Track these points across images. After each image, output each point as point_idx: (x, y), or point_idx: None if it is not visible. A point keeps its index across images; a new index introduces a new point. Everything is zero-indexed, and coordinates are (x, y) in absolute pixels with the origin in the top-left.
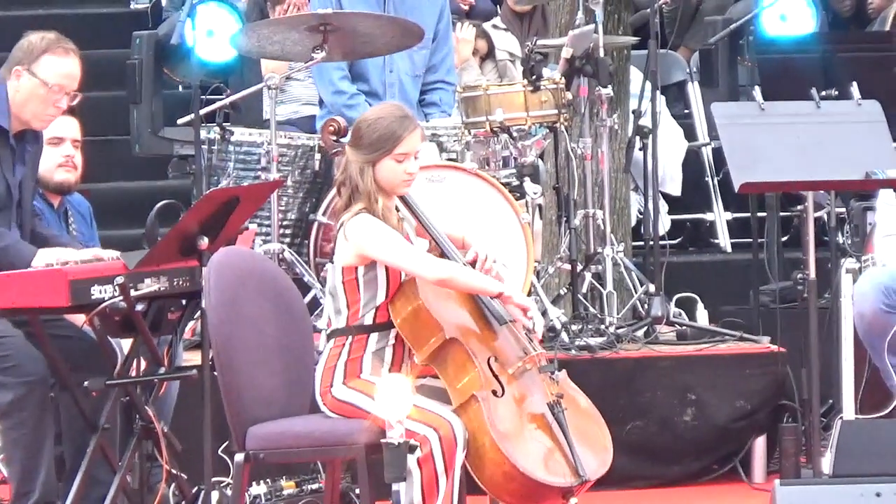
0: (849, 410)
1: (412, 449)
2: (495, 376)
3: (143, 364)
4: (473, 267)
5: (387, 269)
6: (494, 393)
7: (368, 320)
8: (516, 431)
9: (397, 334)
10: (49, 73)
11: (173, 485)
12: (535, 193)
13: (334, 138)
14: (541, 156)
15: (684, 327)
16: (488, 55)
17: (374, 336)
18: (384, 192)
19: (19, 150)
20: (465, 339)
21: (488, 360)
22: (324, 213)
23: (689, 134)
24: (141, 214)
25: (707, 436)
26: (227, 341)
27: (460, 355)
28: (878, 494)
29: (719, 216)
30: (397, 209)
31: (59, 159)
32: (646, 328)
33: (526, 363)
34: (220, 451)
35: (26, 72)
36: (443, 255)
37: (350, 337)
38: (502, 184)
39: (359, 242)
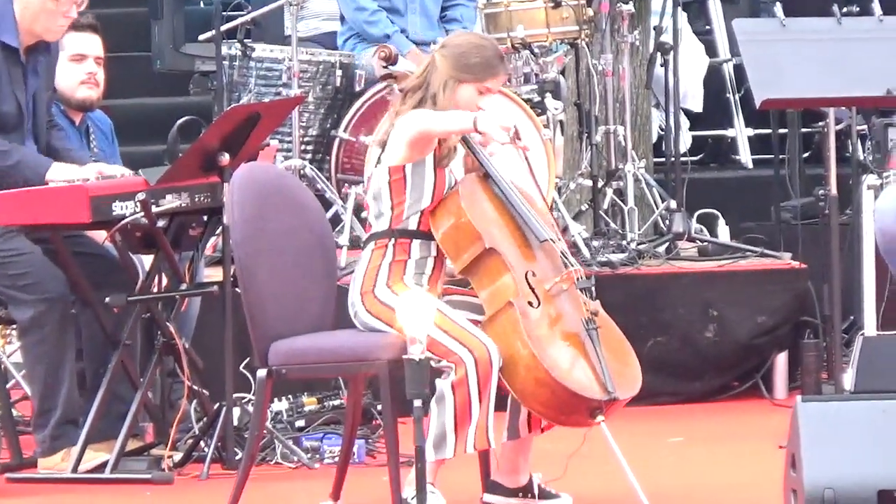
0: (870, 327)
1: (439, 372)
2: (532, 290)
3: (165, 280)
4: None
5: (434, 169)
6: (530, 304)
7: (413, 225)
8: (550, 341)
9: (439, 247)
10: None
11: (195, 401)
12: (556, 109)
13: (384, 64)
14: (562, 72)
15: (706, 243)
16: None
17: (416, 243)
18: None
19: (31, 64)
20: (504, 251)
21: (526, 273)
22: (345, 130)
23: (711, 50)
24: (162, 131)
25: (728, 352)
26: (249, 257)
27: (498, 265)
28: None
29: (740, 132)
30: None
31: (82, 76)
32: (667, 244)
33: (563, 281)
34: (241, 368)
35: None
36: (487, 175)
37: (392, 239)
38: (524, 100)
39: (405, 125)
